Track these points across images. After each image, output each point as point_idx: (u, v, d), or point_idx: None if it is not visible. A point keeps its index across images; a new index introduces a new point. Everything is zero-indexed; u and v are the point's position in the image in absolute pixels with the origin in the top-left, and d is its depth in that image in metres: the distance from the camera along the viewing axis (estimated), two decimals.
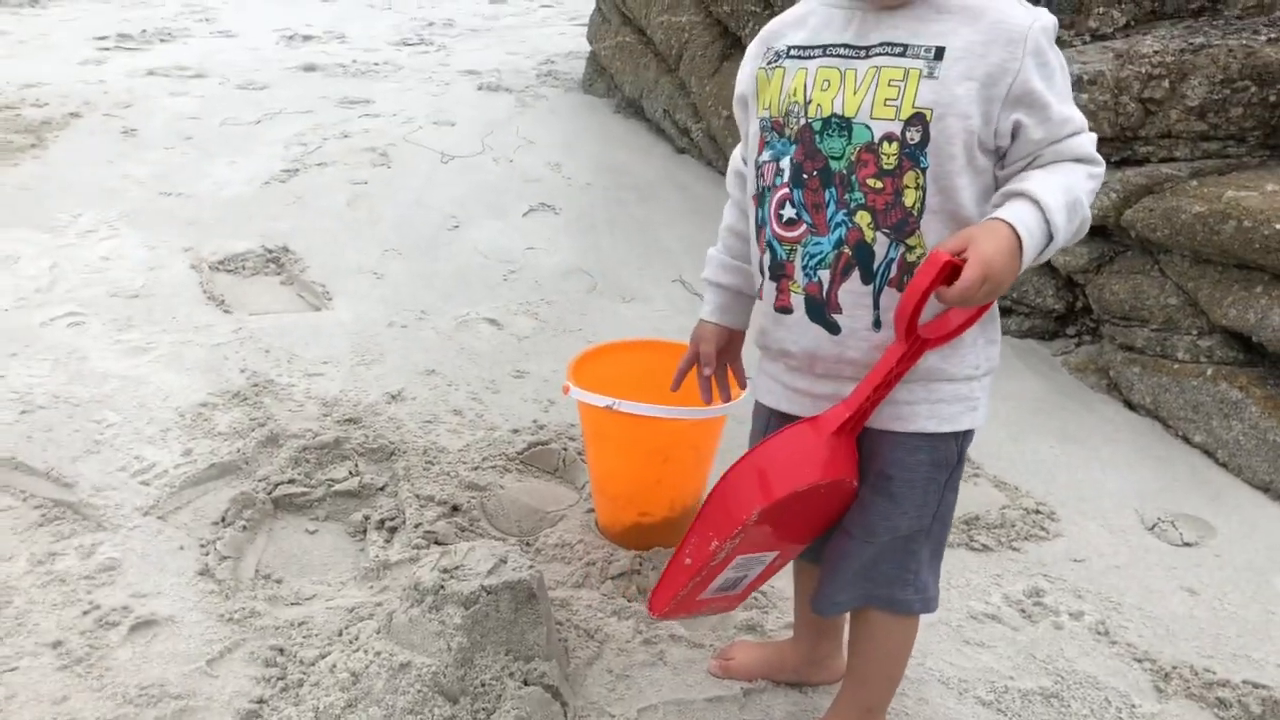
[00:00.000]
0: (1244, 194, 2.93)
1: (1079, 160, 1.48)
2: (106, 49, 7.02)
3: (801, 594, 2.00)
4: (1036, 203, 1.41)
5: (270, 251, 3.91)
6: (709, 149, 5.22)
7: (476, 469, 2.69)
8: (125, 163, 4.77)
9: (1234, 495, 2.83)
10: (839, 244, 1.53)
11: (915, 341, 1.50)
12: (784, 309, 1.62)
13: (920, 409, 1.58)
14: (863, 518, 1.67)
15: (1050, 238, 1.43)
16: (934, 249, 1.42)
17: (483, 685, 1.86)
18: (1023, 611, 2.34)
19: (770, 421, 1.77)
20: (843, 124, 1.49)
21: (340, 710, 1.84)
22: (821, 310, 1.57)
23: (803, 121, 1.53)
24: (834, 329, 1.57)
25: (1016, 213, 1.41)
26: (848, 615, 1.90)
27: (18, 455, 2.55)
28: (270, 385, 2.99)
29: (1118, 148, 3.28)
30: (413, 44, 7.83)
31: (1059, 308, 3.59)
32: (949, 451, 1.63)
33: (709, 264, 1.88)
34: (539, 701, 1.87)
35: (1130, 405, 3.27)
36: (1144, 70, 3.19)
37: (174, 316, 3.38)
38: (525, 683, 1.89)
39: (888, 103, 1.47)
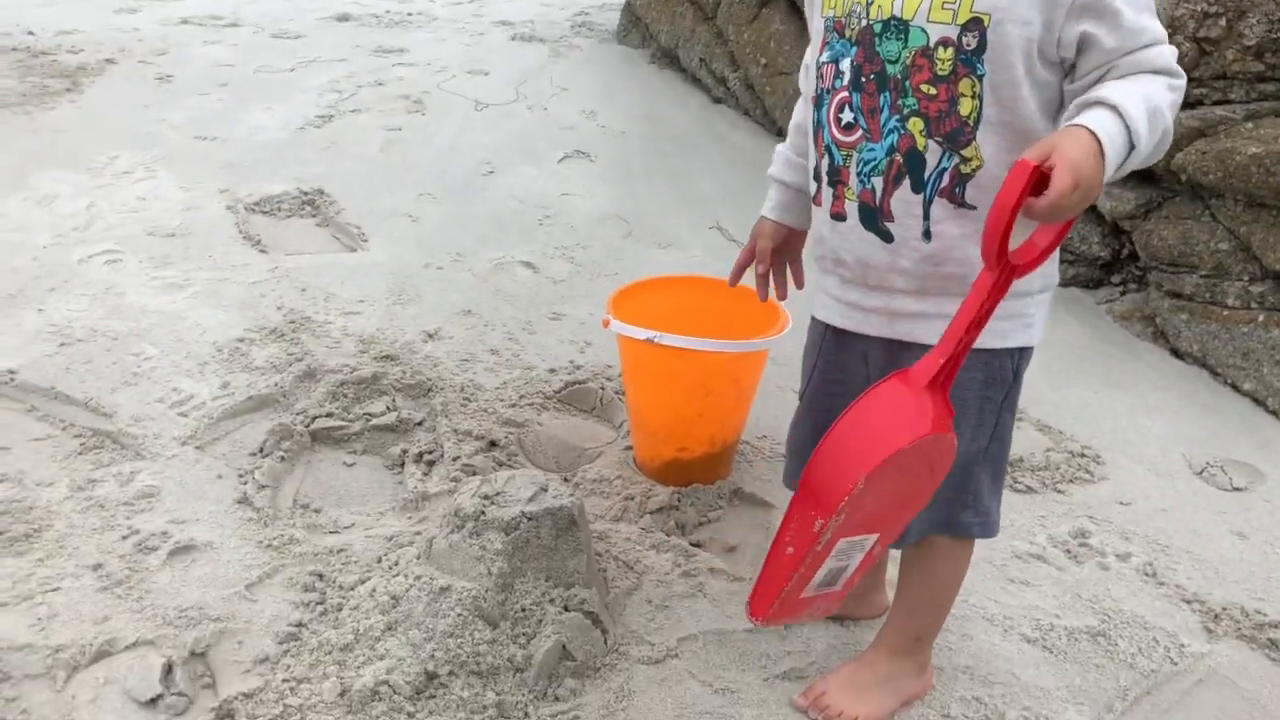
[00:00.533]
0: None
1: (1158, 72, 1.40)
2: None
3: None
4: (1115, 109, 1.33)
5: (305, 194, 3.89)
6: (746, 98, 5.15)
7: (514, 406, 2.67)
8: (161, 108, 4.75)
9: None
10: (891, 150, 1.49)
11: (1005, 268, 1.35)
12: (839, 215, 1.58)
13: None
14: None
15: (1132, 146, 1.34)
16: (1020, 158, 1.28)
17: (523, 610, 1.84)
18: (1068, 552, 2.30)
19: (825, 337, 1.74)
20: (900, 26, 1.44)
21: (380, 633, 1.83)
22: (875, 217, 1.54)
23: (864, 22, 1.48)
24: (887, 237, 1.53)
25: (1095, 119, 1.32)
26: (889, 550, 1.87)
27: (57, 385, 2.56)
28: (307, 322, 2.98)
29: None
30: None
31: (1105, 255, 3.51)
32: (1004, 370, 1.59)
33: (775, 160, 1.84)
34: (579, 627, 1.86)
35: (1177, 353, 3.20)
36: (1200, 8, 3.09)
37: (210, 255, 3.37)
38: (565, 608, 1.87)
39: (945, 6, 1.42)
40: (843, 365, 1.71)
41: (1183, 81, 1.42)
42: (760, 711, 1.82)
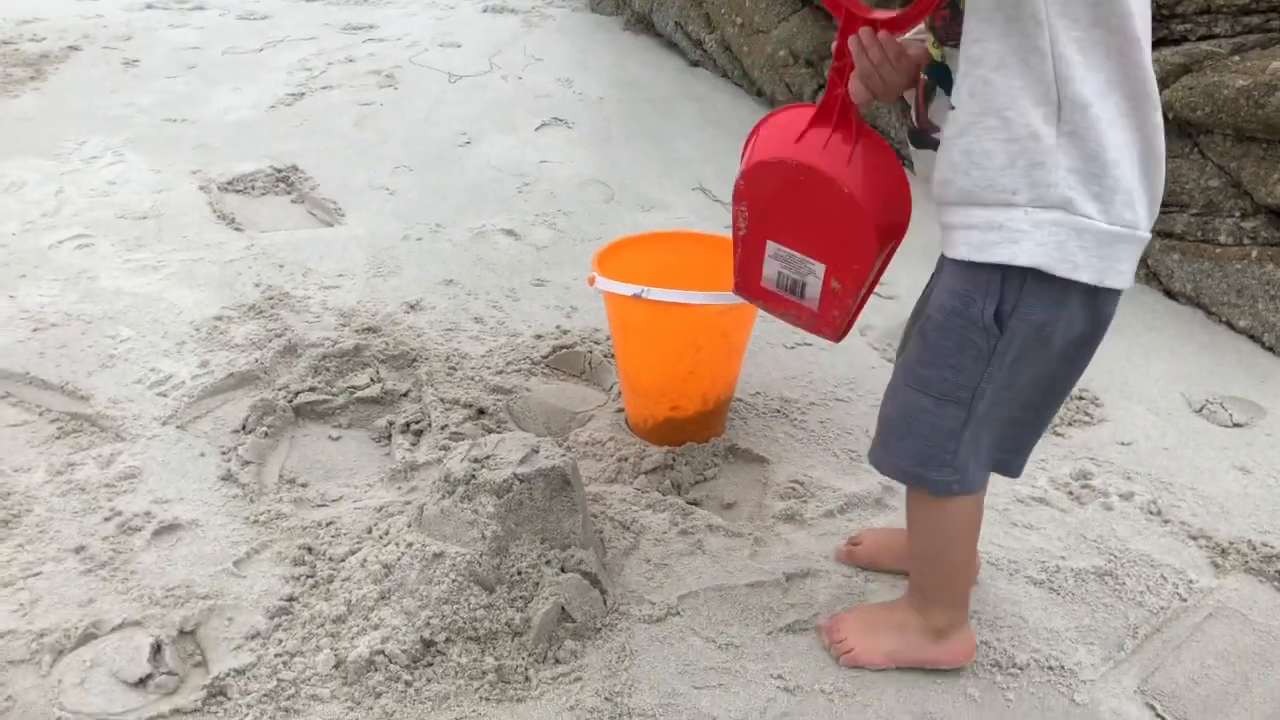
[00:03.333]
0: None
1: None
2: None
3: None
4: None
5: (279, 171, 3.82)
6: (723, 59, 5.08)
7: (501, 373, 2.62)
8: (128, 92, 4.66)
9: None
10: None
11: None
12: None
13: (958, 234, 1.47)
14: (903, 356, 1.64)
15: None
16: None
17: (519, 573, 1.80)
18: (1071, 494, 2.27)
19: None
20: None
21: (374, 603, 1.78)
22: (916, 135, 1.59)
23: None
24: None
25: None
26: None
27: (31, 370, 2.49)
28: (286, 298, 2.91)
29: (1154, 28, 3.13)
30: None
31: None
32: (987, 296, 1.45)
33: None
34: (578, 588, 1.81)
35: (1170, 293, 3.17)
36: None
37: (184, 235, 3.30)
38: (563, 570, 1.83)
39: None
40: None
41: None
42: (765, 665, 1.78)
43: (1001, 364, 1.51)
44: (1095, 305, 1.47)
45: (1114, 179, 1.38)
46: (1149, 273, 3.23)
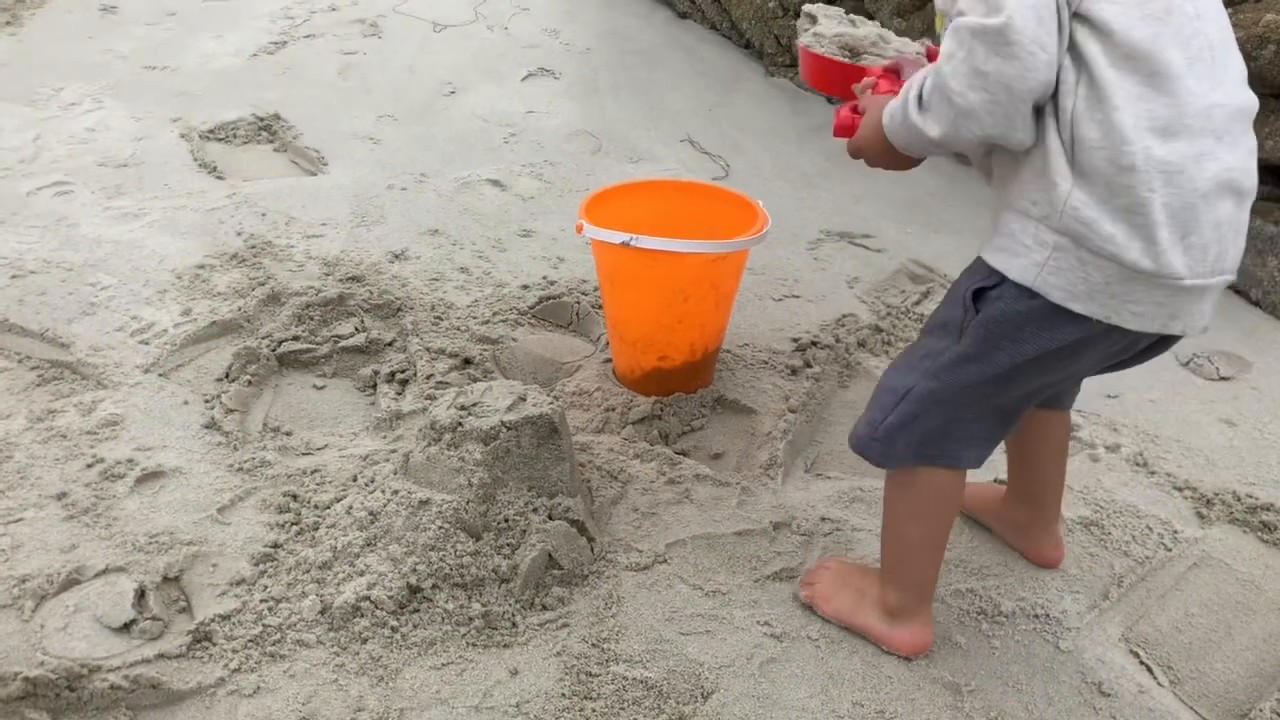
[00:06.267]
0: None
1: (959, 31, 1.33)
2: None
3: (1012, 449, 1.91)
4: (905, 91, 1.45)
5: (261, 120, 3.75)
6: (712, 11, 5.02)
7: (487, 323, 2.60)
8: (106, 38, 4.57)
9: (1269, 331, 2.74)
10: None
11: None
12: None
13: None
14: None
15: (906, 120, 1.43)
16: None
17: (506, 521, 1.79)
18: None
19: None
20: None
21: (359, 549, 1.77)
22: None
23: None
24: None
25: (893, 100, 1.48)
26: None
27: (10, 318, 2.46)
28: (269, 247, 2.88)
29: None
30: None
31: None
32: (984, 280, 1.45)
33: None
34: (565, 535, 1.81)
35: None
36: None
37: (165, 184, 3.25)
38: (550, 517, 1.82)
39: None
40: None
41: (985, 24, 1.28)
42: (752, 612, 1.79)
43: (964, 354, 1.49)
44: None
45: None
46: None
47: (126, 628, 1.66)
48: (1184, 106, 1.30)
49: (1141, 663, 1.74)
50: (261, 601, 1.72)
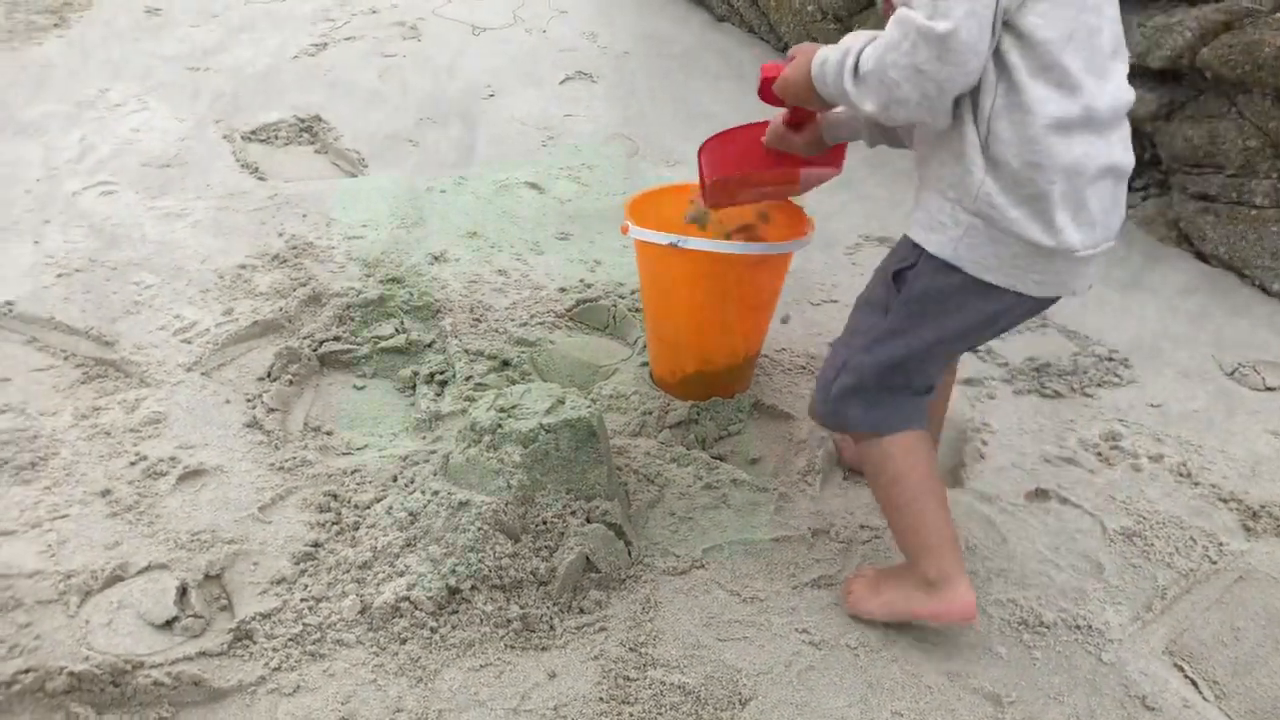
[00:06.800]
0: None
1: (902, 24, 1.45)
2: None
3: None
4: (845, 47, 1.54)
5: (303, 121, 3.79)
6: (750, 14, 5.00)
7: (524, 325, 2.61)
8: (151, 40, 4.63)
9: None
10: None
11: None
12: None
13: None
14: None
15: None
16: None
17: (544, 523, 1.79)
18: (1100, 455, 2.24)
19: None
20: None
21: (399, 549, 1.78)
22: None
23: None
24: None
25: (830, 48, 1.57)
26: None
27: (56, 316, 2.49)
28: (310, 247, 2.90)
29: None
30: None
31: None
32: (901, 262, 1.64)
33: None
34: (603, 539, 1.81)
35: (1202, 257, 3.12)
36: None
37: (208, 184, 3.28)
38: (588, 520, 1.82)
39: None
40: None
41: (932, 29, 1.39)
42: (790, 619, 1.78)
43: (894, 318, 1.67)
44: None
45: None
46: (1180, 235, 3.18)
47: (169, 625, 1.67)
48: (1083, 109, 1.48)
49: (1186, 676, 1.72)
50: (302, 601, 1.74)
